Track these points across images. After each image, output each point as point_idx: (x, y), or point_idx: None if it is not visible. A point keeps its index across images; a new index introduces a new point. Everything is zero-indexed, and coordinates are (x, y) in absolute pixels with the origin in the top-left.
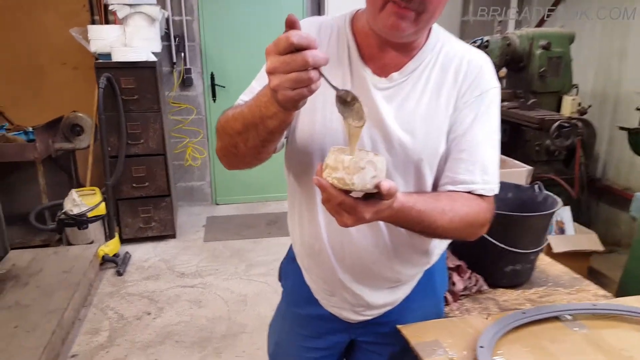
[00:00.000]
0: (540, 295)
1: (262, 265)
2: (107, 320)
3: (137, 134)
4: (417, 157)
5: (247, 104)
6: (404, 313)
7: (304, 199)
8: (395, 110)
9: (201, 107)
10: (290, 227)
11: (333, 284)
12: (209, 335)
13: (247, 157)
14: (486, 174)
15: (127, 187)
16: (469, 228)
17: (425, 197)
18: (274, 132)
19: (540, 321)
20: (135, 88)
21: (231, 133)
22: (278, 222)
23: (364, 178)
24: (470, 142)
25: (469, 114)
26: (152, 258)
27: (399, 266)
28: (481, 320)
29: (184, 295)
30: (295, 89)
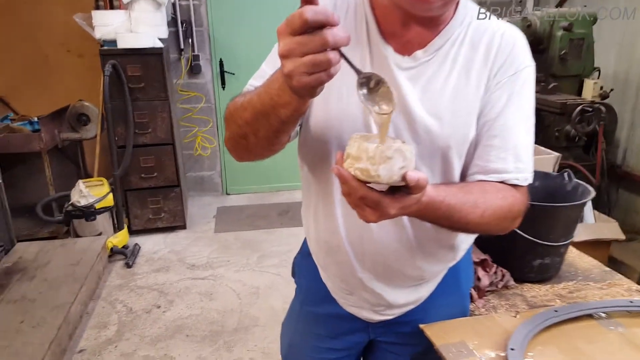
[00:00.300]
0: (570, 291)
1: (275, 257)
2: (116, 314)
3: (145, 123)
4: (444, 144)
5: (257, 91)
6: (427, 311)
7: (320, 192)
8: (420, 93)
9: (210, 95)
10: (304, 222)
11: (351, 283)
12: (220, 329)
13: (257, 149)
14: (520, 162)
15: (135, 178)
16: (501, 222)
17: (456, 190)
18: (287, 122)
19: (573, 319)
20: (142, 76)
21: (240, 123)
22: (290, 211)
23: (390, 169)
24: (503, 127)
25: (502, 95)
26: (162, 250)
27: (423, 263)
28: (509, 319)
29: (195, 288)
30: (313, 74)
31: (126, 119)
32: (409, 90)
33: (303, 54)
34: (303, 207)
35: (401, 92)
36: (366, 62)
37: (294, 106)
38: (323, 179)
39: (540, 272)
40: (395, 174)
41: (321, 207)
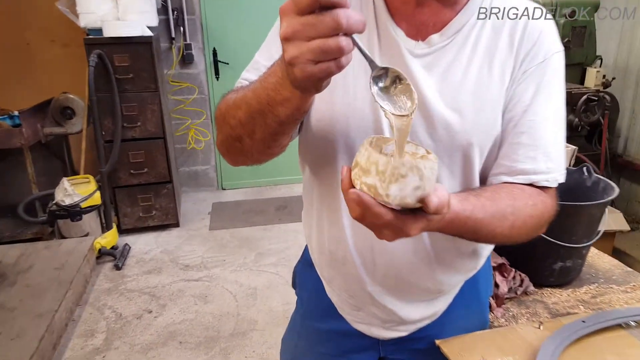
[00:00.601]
0: (592, 295)
1: (273, 255)
2: (104, 321)
3: (134, 116)
4: (466, 141)
5: (252, 87)
6: (443, 326)
7: (323, 196)
8: (437, 83)
9: (203, 85)
10: (305, 230)
11: (359, 298)
12: (216, 335)
13: (254, 153)
14: (550, 161)
15: (124, 174)
16: (530, 232)
17: (483, 200)
18: (287, 123)
19: (602, 329)
20: (130, 66)
21: (233, 124)
22: (289, 206)
23: (403, 189)
24: (531, 123)
25: (530, 86)
26: (154, 250)
27: (441, 275)
28: (533, 330)
29: (188, 290)
30: (320, 63)
31: (114, 112)
32: (424, 81)
33: (310, 38)
34: (304, 213)
35: (415, 83)
36: (374, 48)
37: (295, 103)
38: (327, 181)
39: (562, 275)
40: (409, 195)
41: (325, 213)
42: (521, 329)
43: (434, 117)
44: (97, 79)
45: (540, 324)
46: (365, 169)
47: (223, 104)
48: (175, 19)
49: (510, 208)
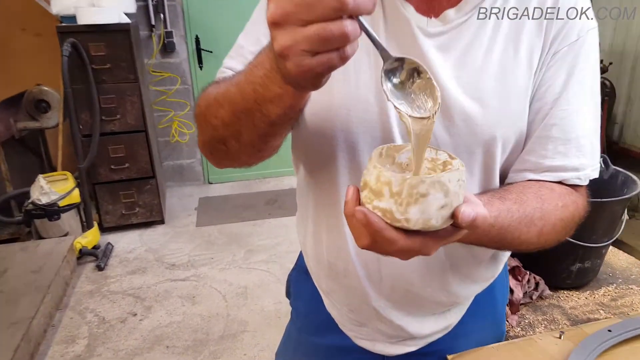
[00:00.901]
0: (612, 298)
1: (263, 251)
2: (86, 326)
3: (113, 109)
4: (488, 135)
5: (236, 80)
6: (456, 339)
7: (321, 201)
8: (454, 67)
9: (186, 75)
10: (300, 237)
11: (363, 313)
12: (205, 337)
13: (241, 156)
14: (583, 155)
15: (104, 170)
16: (559, 237)
17: (509, 204)
18: (279, 124)
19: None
20: (107, 56)
21: (215, 124)
22: (279, 200)
23: (426, 210)
24: (563, 113)
25: (561, 69)
26: (138, 248)
27: (456, 286)
28: (553, 341)
29: (175, 291)
30: (319, 54)
31: (91, 105)
32: (439, 65)
33: (306, 22)
34: (298, 217)
35: (429, 68)
36: (379, 27)
37: (288, 101)
38: (325, 184)
39: (579, 277)
40: (433, 216)
41: (323, 219)
42: (540, 339)
43: (452, 108)
44: (72, 69)
45: (561, 333)
46: (376, 191)
47: (203, 101)
48: (154, 5)
49: (538, 212)
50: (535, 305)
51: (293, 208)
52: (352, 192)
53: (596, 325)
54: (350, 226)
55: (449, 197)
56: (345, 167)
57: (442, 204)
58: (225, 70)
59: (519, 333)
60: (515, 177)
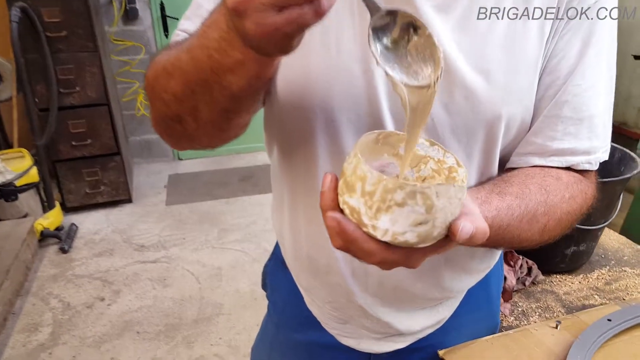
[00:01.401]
0: (606, 282)
1: (238, 230)
2: (50, 312)
3: (71, 80)
4: (492, 114)
5: (187, 45)
6: (448, 332)
7: (298, 189)
8: (456, 32)
9: (151, 44)
10: (276, 226)
11: (347, 311)
12: (178, 322)
13: (202, 138)
14: (596, 137)
15: (65, 146)
16: (564, 230)
17: (510, 200)
18: (243, 97)
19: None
20: (63, 22)
21: (166, 99)
22: (253, 177)
23: (398, 222)
24: (577, 89)
25: (576, 39)
26: (104, 229)
27: (449, 281)
28: (550, 331)
29: (145, 273)
30: (286, 9)
31: (47, 76)
32: (438, 29)
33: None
34: (273, 205)
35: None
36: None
37: (252, 70)
38: (302, 169)
39: (573, 261)
40: (408, 231)
41: (301, 210)
42: (536, 330)
43: (453, 82)
44: (23, 37)
45: (557, 323)
46: (350, 184)
47: (151, 71)
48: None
49: (542, 207)
50: (528, 292)
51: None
52: (328, 181)
53: (592, 313)
54: (324, 222)
55: (432, 214)
56: (325, 150)
57: (421, 220)
58: (179, 34)
59: (512, 323)
60: (518, 162)
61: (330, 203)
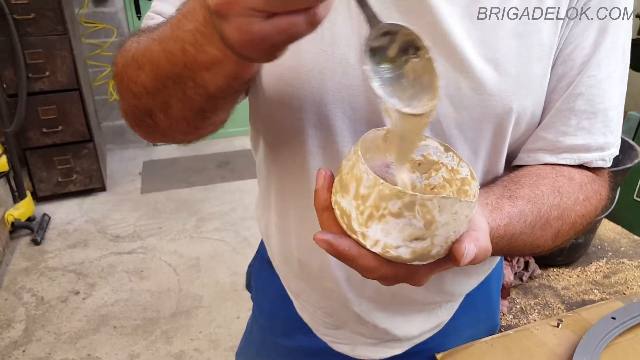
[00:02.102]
0: (604, 275)
1: (216, 218)
2: (23, 307)
3: (40, 65)
4: (502, 107)
5: (159, 34)
6: (447, 335)
7: (287, 187)
8: (464, 19)
9: (123, 26)
10: (262, 228)
11: (341, 317)
12: (156, 316)
13: (175, 134)
14: (610, 131)
15: (35, 134)
16: (578, 234)
17: (521, 205)
18: (220, 97)
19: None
20: (31, 4)
21: (136, 91)
22: (231, 162)
23: (391, 235)
24: (592, 80)
25: (592, 26)
26: (78, 219)
27: (450, 284)
28: (551, 331)
29: (121, 265)
30: (277, 17)
31: (15, 60)
32: (445, 15)
33: None
34: (258, 205)
35: (432, 15)
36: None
37: (230, 69)
38: (292, 167)
39: (571, 253)
40: (401, 245)
41: (291, 211)
42: (537, 329)
43: (460, 72)
44: None
45: (559, 322)
46: (344, 183)
47: (120, 58)
48: None
49: (555, 210)
50: (526, 287)
51: (247, 171)
52: (322, 179)
53: (594, 310)
54: (320, 224)
55: (432, 231)
56: (317, 147)
57: (418, 235)
58: (153, 16)
59: (511, 321)
60: (526, 159)
61: (324, 203)
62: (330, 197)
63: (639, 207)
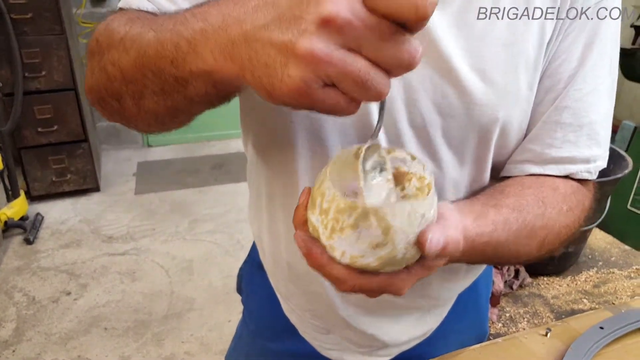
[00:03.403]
0: (594, 284)
1: (210, 220)
2: (14, 307)
3: (37, 64)
4: (488, 117)
5: (159, 23)
6: (435, 342)
7: (277, 191)
8: (452, 29)
9: None
10: (254, 229)
11: (329, 321)
12: (147, 318)
13: (138, 123)
14: (596, 145)
15: (30, 133)
16: (562, 244)
17: (506, 213)
18: (196, 103)
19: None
20: (29, 3)
21: (111, 73)
22: (225, 165)
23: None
24: (578, 93)
25: (579, 39)
26: (71, 219)
27: (438, 289)
28: (540, 340)
29: (113, 266)
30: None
31: (11, 59)
32: (435, 23)
33: (358, 50)
34: (250, 206)
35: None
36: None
37: (215, 79)
38: (281, 169)
39: (561, 262)
40: (367, 255)
41: (280, 213)
42: (526, 338)
43: (447, 80)
44: None
45: (547, 331)
46: (313, 199)
47: (103, 35)
48: None
49: (540, 220)
50: (516, 296)
51: (241, 173)
52: (303, 196)
53: (583, 319)
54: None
55: (391, 236)
56: (306, 149)
57: (379, 242)
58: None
59: (500, 330)
60: (513, 170)
61: (300, 219)
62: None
63: (632, 217)
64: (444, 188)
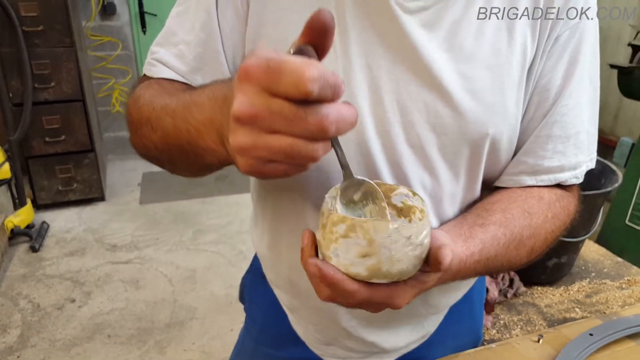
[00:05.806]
0: (587, 294)
1: (213, 231)
2: (19, 313)
3: (46, 75)
4: (478, 133)
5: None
6: (430, 346)
7: (281, 209)
8: (443, 49)
9: (128, 40)
10: (256, 244)
11: (332, 334)
12: (150, 326)
13: (180, 174)
14: (581, 152)
15: (38, 142)
16: (550, 246)
17: (493, 230)
18: (218, 166)
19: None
20: (40, 16)
21: (148, 145)
22: (229, 176)
23: (344, 255)
24: (565, 108)
25: (563, 58)
26: (76, 228)
27: (436, 296)
28: (532, 346)
29: (117, 275)
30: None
31: (22, 71)
32: (425, 46)
33: (275, 132)
34: (252, 222)
35: (414, 49)
36: (345, 5)
37: (224, 157)
38: (285, 190)
39: (554, 273)
40: (356, 264)
41: (284, 234)
42: (518, 344)
43: (442, 102)
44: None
45: (539, 337)
46: (320, 221)
47: (134, 109)
48: None
49: (527, 230)
50: (510, 304)
51: (244, 184)
52: (307, 238)
53: (574, 327)
54: (308, 277)
55: (375, 248)
56: (312, 171)
57: (365, 252)
58: (155, 63)
59: (494, 336)
60: (508, 181)
61: (308, 253)
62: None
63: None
64: (442, 200)
